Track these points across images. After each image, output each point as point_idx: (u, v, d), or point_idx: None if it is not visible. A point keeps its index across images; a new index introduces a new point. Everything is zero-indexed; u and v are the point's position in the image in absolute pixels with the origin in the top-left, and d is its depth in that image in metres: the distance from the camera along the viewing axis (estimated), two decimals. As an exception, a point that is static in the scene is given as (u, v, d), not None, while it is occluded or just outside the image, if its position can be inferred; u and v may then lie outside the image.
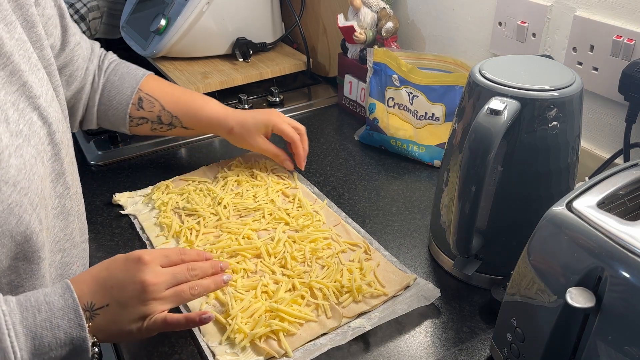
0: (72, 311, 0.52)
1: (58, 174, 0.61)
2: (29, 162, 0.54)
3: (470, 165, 0.59)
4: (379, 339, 0.65)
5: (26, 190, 0.53)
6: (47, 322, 0.51)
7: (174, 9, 1.16)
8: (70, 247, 0.65)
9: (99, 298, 0.55)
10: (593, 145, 0.87)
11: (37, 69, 0.60)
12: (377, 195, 0.90)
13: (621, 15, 0.78)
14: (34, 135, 0.56)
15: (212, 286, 0.61)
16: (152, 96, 0.85)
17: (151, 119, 0.86)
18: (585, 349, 0.47)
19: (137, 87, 0.84)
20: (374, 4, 1.06)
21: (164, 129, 0.88)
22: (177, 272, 0.59)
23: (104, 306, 0.54)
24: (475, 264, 0.69)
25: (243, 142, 0.91)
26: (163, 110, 0.86)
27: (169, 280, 0.58)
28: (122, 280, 0.56)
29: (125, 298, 0.55)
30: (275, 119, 0.90)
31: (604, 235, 0.45)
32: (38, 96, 0.58)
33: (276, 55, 1.28)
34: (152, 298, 0.56)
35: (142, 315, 0.56)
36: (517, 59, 0.68)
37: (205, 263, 0.63)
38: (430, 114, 0.95)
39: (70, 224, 0.64)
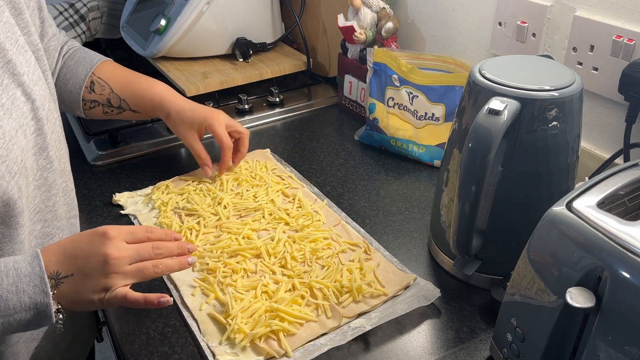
0: (38, 278, 0.55)
1: (41, 147, 0.64)
2: (9, 133, 0.57)
3: (470, 165, 0.59)
4: (379, 339, 0.65)
5: (4, 158, 0.56)
6: (14, 286, 0.54)
7: (174, 9, 1.16)
8: (52, 219, 0.68)
9: (64, 267, 0.57)
10: (593, 145, 0.87)
11: (24, 50, 0.63)
12: (377, 195, 0.90)
13: (621, 15, 0.78)
14: (16, 109, 0.59)
15: (175, 266, 0.63)
16: (103, 79, 0.87)
17: (102, 102, 0.87)
18: (585, 349, 0.47)
19: (91, 71, 0.86)
20: (374, 4, 1.06)
21: (114, 112, 0.89)
22: (141, 249, 0.61)
23: (69, 275, 0.57)
24: (475, 264, 0.69)
25: (176, 131, 0.90)
26: (112, 93, 0.87)
27: (131, 255, 0.60)
28: (87, 252, 0.58)
29: (88, 269, 0.58)
30: (214, 118, 0.88)
31: (604, 235, 0.45)
32: (22, 74, 0.61)
33: (276, 55, 1.28)
34: (113, 271, 0.58)
35: (104, 287, 0.58)
36: (517, 59, 0.68)
37: (172, 243, 0.64)
38: (430, 114, 0.95)
39: (53, 197, 0.67)
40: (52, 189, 0.67)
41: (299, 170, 0.96)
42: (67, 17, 1.34)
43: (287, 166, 0.96)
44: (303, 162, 0.99)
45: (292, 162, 0.98)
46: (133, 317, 0.68)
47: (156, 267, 0.61)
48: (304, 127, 1.12)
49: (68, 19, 1.34)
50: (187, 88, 1.12)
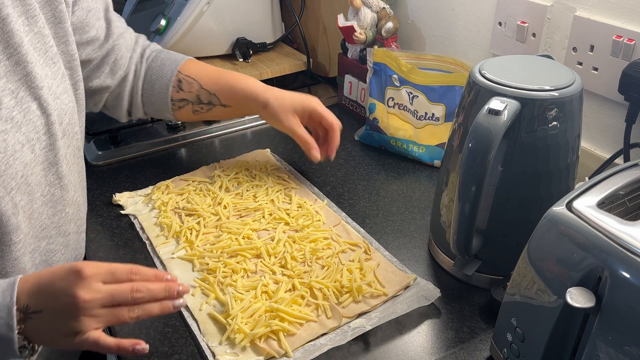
0: (6, 309, 0.52)
1: (51, 163, 0.62)
2: (12, 148, 0.56)
3: (470, 165, 0.59)
4: (379, 339, 0.65)
5: (1, 173, 0.54)
6: None
7: (174, 9, 1.16)
8: (56, 235, 0.66)
9: (34, 302, 0.53)
10: (593, 145, 0.87)
11: (52, 62, 0.62)
12: (377, 195, 0.90)
13: (621, 15, 0.78)
14: (27, 123, 0.58)
15: (156, 311, 0.57)
16: (190, 77, 0.86)
17: (191, 100, 0.86)
18: (585, 349, 0.47)
19: (177, 69, 0.86)
20: (374, 4, 1.06)
21: (204, 109, 0.87)
22: (116, 292, 0.55)
23: (38, 312, 0.53)
24: (475, 264, 0.69)
25: (275, 120, 0.87)
26: (201, 89, 0.86)
27: (104, 298, 0.54)
28: (58, 290, 0.54)
29: (57, 309, 0.54)
30: (316, 102, 0.88)
31: (604, 235, 0.45)
32: (41, 87, 0.60)
33: (276, 55, 1.28)
34: (83, 314, 0.54)
35: (73, 330, 0.54)
36: (517, 59, 0.68)
37: (157, 284, 0.57)
38: (430, 114, 0.95)
39: (59, 213, 0.65)
40: (59, 205, 0.65)
41: (299, 170, 0.96)
42: (67, 17, 1.34)
43: (287, 166, 0.96)
44: (303, 162, 0.99)
45: (292, 162, 0.98)
46: (133, 317, 0.68)
47: (131, 311, 0.55)
48: (304, 127, 1.12)
49: (68, 19, 1.34)
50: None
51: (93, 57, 0.77)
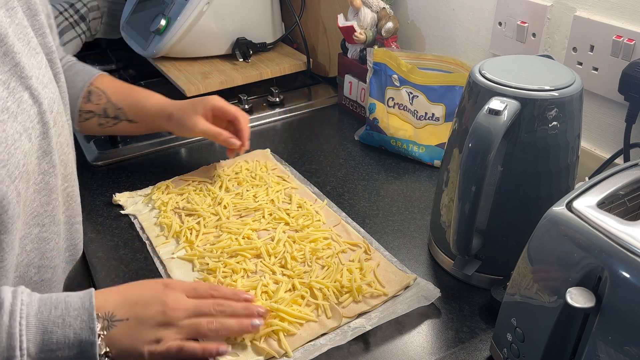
0: (87, 313, 0.54)
1: (45, 151, 0.63)
2: (12, 137, 0.56)
3: (470, 165, 0.59)
4: (379, 339, 0.65)
5: (5, 162, 0.55)
6: (60, 319, 0.52)
7: (174, 9, 1.16)
8: (50, 224, 0.66)
9: (120, 310, 0.56)
10: (593, 145, 0.87)
11: (35, 52, 0.62)
12: (377, 195, 0.90)
13: (621, 15, 0.78)
14: (22, 113, 0.58)
15: (235, 327, 0.61)
16: (100, 89, 0.86)
17: (97, 112, 0.86)
18: (585, 349, 0.47)
19: (89, 81, 0.86)
20: (374, 4, 1.06)
21: (110, 123, 0.88)
22: (202, 303, 0.60)
23: (124, 319, 0.56)
24: (475, 264, 0.69)
25: (183, 128, 0.88)
26: (109, 102, 0.86)
27: (190, 309, 0.59)
28: (147, 299, 0.58)
29: (145, 316, 0.57)
30: (215, 99, 0.90)
31: (604, 235, 0.45)
32: (30, 77, 0.60)
33: (276, 55, 1.28)
34: (169, 323, 0.58)
35: (157, 338, 0.57)
36: (517, 59, 0.68)
37: (237, 303, 0.62)
38: (430, 114, 0.95)
39: (53, 201, 0.65)
40: (52, 194, 0.66)
41: (299, 170, 0.96)
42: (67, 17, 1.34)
43: (287, 166, 0.96)
44: (303, 162, 0.99)
45: (292, 162, 0.98)
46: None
47: (210, 323, 0.59)
48: (304, 127, 1.12)
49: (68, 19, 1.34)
50: (187, 88, 1.12)
51: None
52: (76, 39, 1.36)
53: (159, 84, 1.25)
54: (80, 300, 0.54)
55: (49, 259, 0.67)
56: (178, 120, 0.88)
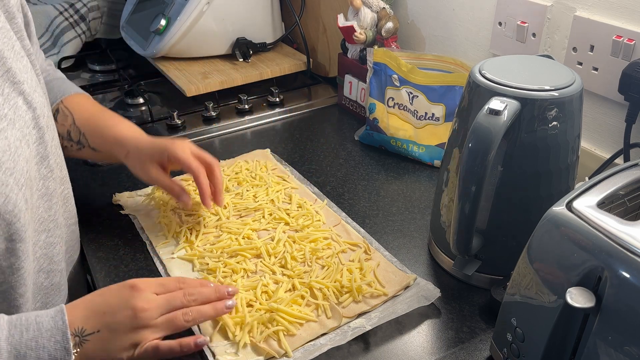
0: (60, 333, 0.52)
1: (42, 156, 0.62)
2: (14, 144, 0.55)
3: (470, 165, 0.59)
4: (379, 339, 0.65)
5: (11, 170, 0.54)
6: (33, 341, 0.51)
7: (174, 9, 1.16)
8: (54, 228, 0.66)
9: (90, 323, 0.54)
10: (593, 145, 0.87)
11: (20, 56, 0.61)
12: (377, 195, 0.90)
13: (621, 15, 0.78)
14: (19, 119, 0.57)
15: (210, 312, 0.60)
16: (69, 110, 0.79)
17: (62, 134, 0.79)
18: (585, 349, 0.47)
19: (61, 99, 0.79)
20: (374, 4, 1.06)
21: (74, 147, 0.80)
22: (172, 297, 0.59)
23: (95, 332, 0.54)
24: (475, 264, 0.69)
25: (138, 170, 0.79)
26: (73, 125, 0.79)
27: (162, 305, 0.58)
28: (115, 306, 0.56)
29: (117, 324, 0.55)
30: (175, 144, 0.77)
31: (604, 235, 0.45)
32: (22, 82, 0.59)
33: (276, 55, 1.28)
34: (143, 325, 0.56)
35: (133, 343, 0.56)
36: (517, 59, 0.68)
37: (207, 288, 0.62)
38: (430, 114, 0.95)
39: (54, 205, 0.65)
40: (53, 198, 0.65)
41: (299, 170, 0.96)
42: (67, 17, 1.34)
43: (287, 166, 0.96)
44: (303, 162, 0.99)
45: (292, 162, 0.98)
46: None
47: (186, 314, 0.58)
48: (304, 127, 1.12)
49: (68, 19, 1.34)
50: (187, 88, 1.12)
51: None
52: (76, 39, 1.36)
53: (159, 84, 1.25)
54: (52, 320, 0.53)
55: (56, 263, 0.67)
56: (133, 161, 0.79)
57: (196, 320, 0.59)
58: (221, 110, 1.15)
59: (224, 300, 0.61)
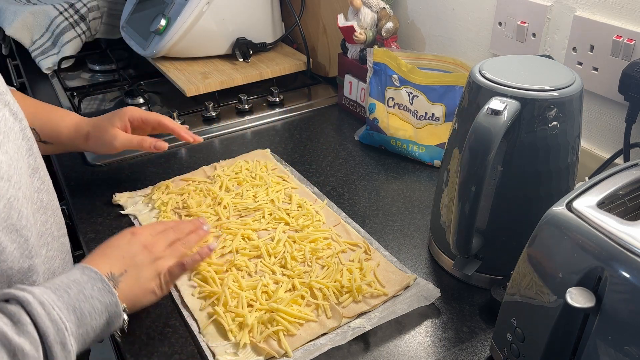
0: (99, 281, 0.57)
1: (34, 168, 0.62)
2: (14, 157, 0.55)
3: (470, 165, 0.59)
4: (379, 339, 0.65)
5: (19, 184, 0.54)
6: (81, 294, 0.55)
7: (174, 9, 1.16)
8: (52, 241, 0.65)
9: (116, 267, 0.60)
10: (593, 145, 0.87)
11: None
12: (377, 195, 0.90)
13: (621, 15, 0.78)
14: (10, 131, 0.56)
15: (195, 238, 0.70)
16: None
17: None
18: (585, 349, 0.47)
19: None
20: (374, 4, 1.06)
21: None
22: (166, 234, 0.68)
23: (123, 273, 0.60)
24: (475, 264, 0.69)
25: (103, 144, 0.83)
26: None
27: (162, 240, 0.66)
28: (128, 249, 0.63)
29: (137, 262, 0.62)
30: (130, 109, 0.86)
31: (604, 235, 0.45)
32: (5, 92, 0.58)
33: (276, 55, 1.28)
34: (157, 257, 0.64)
35: (157, 273, 0.63)
36: (517, 59, 0.68)
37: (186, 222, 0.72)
38: (430, 114, 0.95)
39: (50, 218, 0.65)
40: (48, 210, 0.64)
41: (299, 170, 0.96)
42: (67, 17, 1.34)
43: (287, 166, 0.96)
44: (303, 162, 0.99)
45: (292, 162, 0.98)
46: (133, 317, 0.68)
47: (183, 243, 0.68)
48: (304, 127, 1.12)
49: (68, 19, 1.34)
50: (187, 88, 1.12)
51: None
52: (76, 39, 1.36)
53: (159, 83, 1.25)
54: (84, 275, 0.57)
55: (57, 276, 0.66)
56: (96, 138, 0.83)
57: (191, 246, 0.69)
58: (221, 110, 1.15)
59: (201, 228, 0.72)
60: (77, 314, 0.53)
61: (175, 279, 0.66)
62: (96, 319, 0.55)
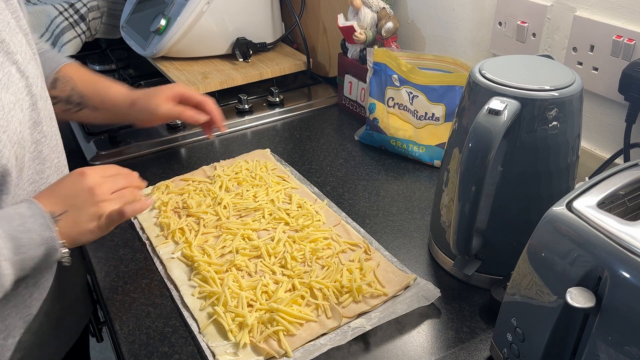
0: (41, 216, 0.62)
1: (35, 122, 0.68)
2: (7, 106, 0.61)
3: (470, 165, 0.59)
4: (379, 339, 0.65)
5: (5, 128, 0.60)
6: (21, 226, 0.60)
7: (174, 9, 1.16)
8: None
9: (57, 207, 0.64)
10: (593, 145, 0.87)
11: (15, 32, 0.67)
12: (377, 195, 0.90)
13: (621, 15, 0.78)
14: (12, 85, 0.63)
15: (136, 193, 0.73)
16: (67, 76, 0.89)
17: (62, 98, 0.88)
18: (585, 349, 0.47)
19: (57, 69, 0.88)
20: (374, 4, 1.06)
21: (73, 110, 0.89)
22: (116, 178, 0.71)
23: (63, 213, 0.64)
24: (475, 264, 0.69)
25: (147, 110, 0.89)
26: (74, 89, 0.89)
27: (110, 184, 0.69)
28: (73, 189, 0.66)
29: (79, 203, 0.66)
30: (178, 85, 0.94)
31: (604, 235, 0.45)
32: (15, 52, 0.64)
33: (276, 55, 1.28)
34: (100, 200, 0.67)
35: (97, 215, 0.66)
36: (517, 59, 0.68)
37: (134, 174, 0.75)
38: (430, 114, 0.95)
39: (47, 170, 0.71)
40: (46, 162, 0.71)
41: (299, 170, 0.96)
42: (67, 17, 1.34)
43: (287, 166, 0.96)
44: (303, 162, 0.99)
45: (292, 162, 0.98)
46: (133, 317, 0.68)
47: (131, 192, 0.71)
48: (304, 127, 1.12)
49: (68, 19, 1.34)
50: (187, 88, 1.11)
51: None
52: (76, 39, 1.36)
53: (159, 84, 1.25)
54: (29, 209, 0.62)
55: None
56: (141, 105, 0.89)
57: (136, 195, 0.72)
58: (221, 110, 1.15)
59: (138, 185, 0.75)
60: (15, 242, 0.59)
61: (114, 224, 0.68)
62: (34, 249, 0.60)
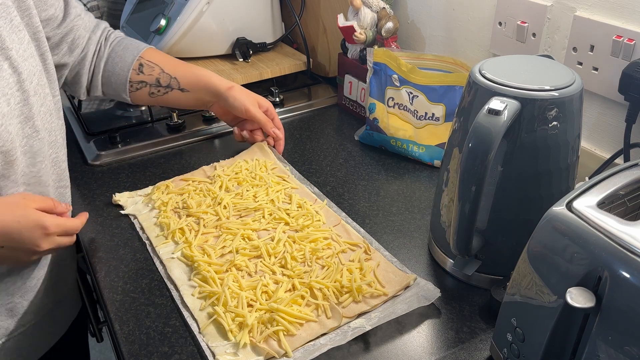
0: None
1: (27, 117, 0.70)
2: None
3: (470, 165, 0.59)
4: (379, 339, 0.65)
5: None
6: None
7: (174, 9, 1.16)
8: (36, 184, 0.74)
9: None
10: (593, 145, 0.87)
11: (18, 30, 0.69)
12: (377, 195, 0.90)
13: (621, 15, 0.78)
14: (1, 80, 0.65)
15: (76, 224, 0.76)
16: (152, 62, 0.93)
17: (150, 82, 0.93)
18: (585, 349, 0.47)
19: (139, 55, 0.93)
20: (374, 4, 1.06)
21: (161, 92, 0.94)
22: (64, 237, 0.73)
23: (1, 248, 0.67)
24: (475, 264, 0.69)
25: (235, 104, 0.94)
26: (162, 72, 0.93)
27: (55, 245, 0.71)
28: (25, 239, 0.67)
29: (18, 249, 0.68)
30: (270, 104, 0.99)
31: (604, 235, 0.45)
32: (10, 49, 0.66)
33: (276, 55, 1.28)
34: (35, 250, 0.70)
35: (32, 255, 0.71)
36: (517, 59, 0.68)
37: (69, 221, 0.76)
38: (430, 114, 0.95)
39: (38, 164, 0.73)
40: (38, 157, 0.72)
41: (299, 170, 0.96)
42: (67, 17, 1.34)
43: (287, 165, 0.96)
44: (303, 162, 0.99)
45: (292, 162, 0.98)
46: (133, 317, 0.68)
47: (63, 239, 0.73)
48: (304, 127, 1.12)
49: (68, 19, 1.34)
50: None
51: (51, 35, 0.82)
52: (76, 39, 1.35)
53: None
54: None
55: None
56: (237, 95, 0.94)
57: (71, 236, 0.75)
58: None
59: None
60: None
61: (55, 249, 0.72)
62: None
